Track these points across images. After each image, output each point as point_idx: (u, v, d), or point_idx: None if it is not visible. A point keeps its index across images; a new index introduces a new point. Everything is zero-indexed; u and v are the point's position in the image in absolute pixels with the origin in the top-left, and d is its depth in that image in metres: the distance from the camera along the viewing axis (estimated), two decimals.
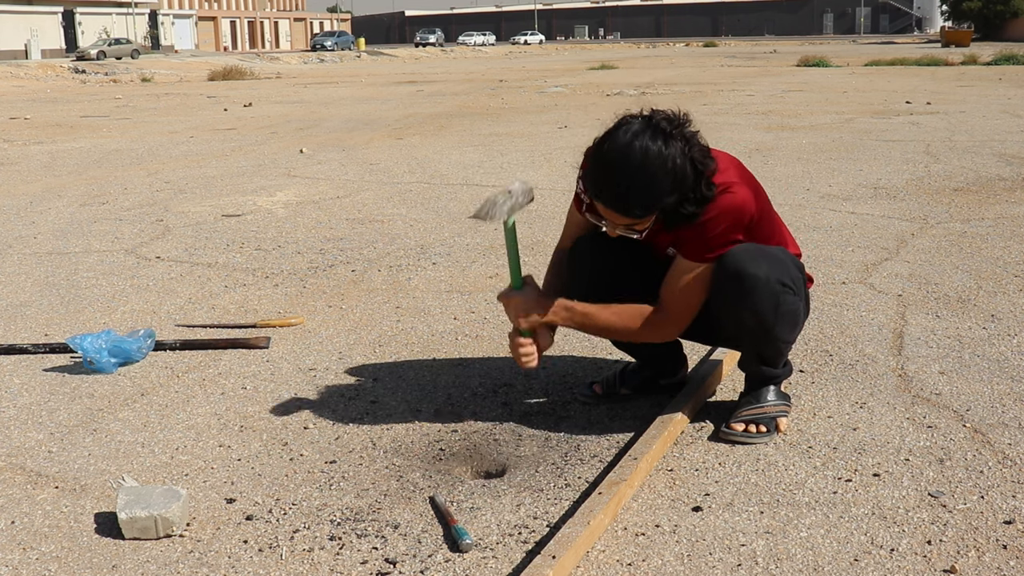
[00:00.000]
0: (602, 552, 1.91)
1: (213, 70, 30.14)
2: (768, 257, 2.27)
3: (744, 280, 2.22)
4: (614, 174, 2.11)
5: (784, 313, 2.28)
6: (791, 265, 2.33)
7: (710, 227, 2.23)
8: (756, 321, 2.28)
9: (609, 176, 2.12)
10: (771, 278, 2.24)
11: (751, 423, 2.41)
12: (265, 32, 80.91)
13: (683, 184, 2.13)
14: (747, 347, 2.42)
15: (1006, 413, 2.52)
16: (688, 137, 2.15)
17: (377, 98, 16.66)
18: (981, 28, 60.13)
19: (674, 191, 2.12)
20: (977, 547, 1.90)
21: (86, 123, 12.75)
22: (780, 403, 2.46)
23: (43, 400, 2.79)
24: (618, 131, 2.15)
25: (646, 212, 2.15)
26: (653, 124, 2.13)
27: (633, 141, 2.10)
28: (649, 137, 2.10)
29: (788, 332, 2.35)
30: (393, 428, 2.53)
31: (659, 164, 2.09)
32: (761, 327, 2.29)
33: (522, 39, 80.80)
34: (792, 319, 2.32)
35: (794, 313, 2.32)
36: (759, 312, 2.26)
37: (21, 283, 4.15)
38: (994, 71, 20.14)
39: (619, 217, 2.19)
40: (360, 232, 5.08)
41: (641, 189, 2.10)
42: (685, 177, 2.12)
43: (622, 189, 2.12)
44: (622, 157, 2.10)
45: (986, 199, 5.56)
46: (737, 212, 2.24)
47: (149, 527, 1.98)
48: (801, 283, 2.36)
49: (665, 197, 2.12)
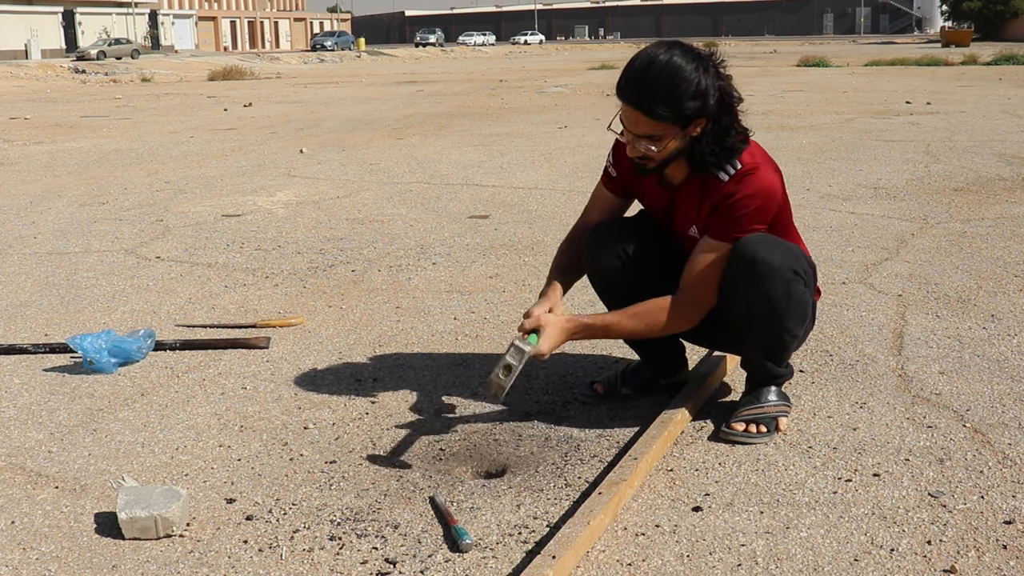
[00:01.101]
0: (602, 552, 1.91)
1: (213, 70, 30.14)
2: (782, 246, 2.30)
3: (758, 265, 2.25)
4: (641, 70, 2.18)
5: (795, 302, 2.31)
6: (803, 258, 2.36)
7: (740, 206, 2.25)
8: (768, 308, 2.29)
9: (635, 71, 2.19)
10: (784, 265, 2.27)
11: (752, 423, 2.41)
12: (265, 32, 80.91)
13: (707, 100, 2.17)
14: (754, 339, 2.42)
15: (1006, 413, 2.52)
16: (720, 71, 2.22)
17: (377, 98, 16.66)
18: (981, 28, 60.13)
19: (696, 99, 2.16)
20: (977, 547, 1.89)
21: (86, 123, 12.75)
22: (781, 403, 2.47)
23: (43, 400, 2.79)
24: (651, 45, 2.24)
25: (666, 111, 2.16)
26: (686, 45, 2.22)
27: (663, 49, 2.19)
28: (680, 50, 2.19)
29: (796, 324, 2.36)
30: (393, 428, 2.53)
31: (686, 69, 2.16)
32: (773, 314, 2.30)
33: (522, 39, 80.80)
34: (802, 309, 2.34)
35: (804, 303, 2.34)
36: (771, 299, 2.28)
37: (21, 283, 4.15)
38: (994, 71, 20.14)
39: (639, 118, 2.20)
40: (360, 232, 5.08)
41: (664, 84, 2.15)
42: (709, 95, 2.17)
43: (646, 81, 2.16)
44: (651, 57, 2.19)
45: (986, 199, 5.56)
46: (768, 193, 2.28)
47: (149, 527, 1.98)
48: (811, 277, 2.39)
49: (686, 100, 2.16)
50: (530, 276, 4.06)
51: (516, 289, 3.88)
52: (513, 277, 4.07)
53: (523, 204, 5.79)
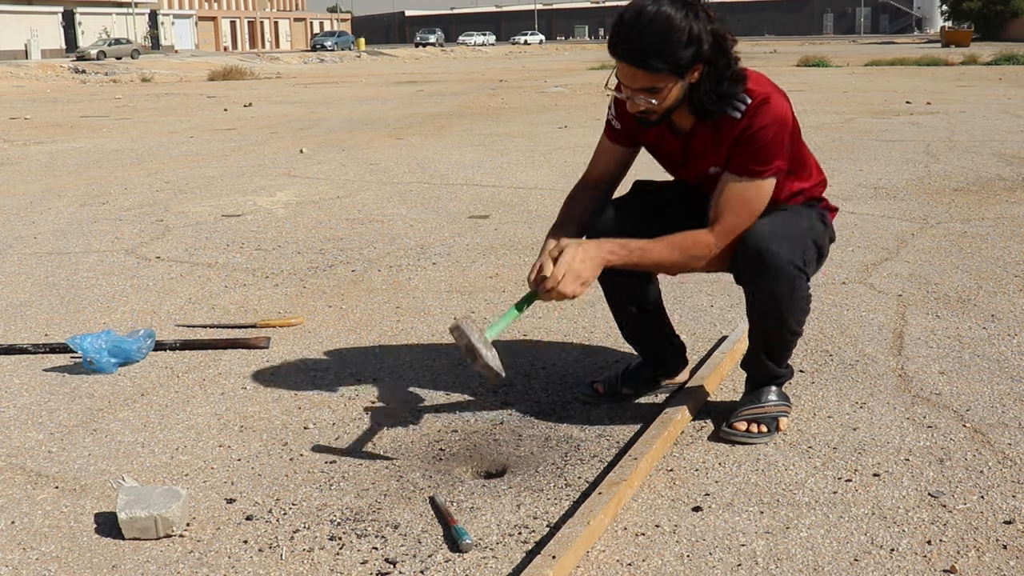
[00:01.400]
0: (602, 552, 1.91)
1: (213, 70, 30.15)
2: (789, 234, 2.29)
3: (764, 258, 2.24)
4: (631, 23, 2.14)
5: (798, 299, 2.31)
6: (809, 243, 2.34)
7: (758, 138, 2.22)
8: (771, 303, 2.30)
9: (625, 27, 2.15)
10: (792, 261, 2.26)
11: (752, 422, 2.41)
12: (265, 32, 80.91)
13: (701, 45, 2.15)
14: (756, 335, 2.42)
15: (1006, 413, 2.52)
16: (710, 14, 2.19)
17: (377, 98, 16.66)
18: (981, 28, 60.14)
19: (690, 46, 2.13)
20: (977, 547, 1.89)
21: (86, 123, 12.75)
22: (781, 403, 2.47)
23: (43, 400, 2.79)
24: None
25: (662, 63, 2.14)
26: None
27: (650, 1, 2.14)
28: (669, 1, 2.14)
29: (797, 321, 2.36)
30: (393, 428, 2.53)
31: (676, 17, 2.12)
32: (775, 309, 2.31)
33: (522, 39, 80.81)
34: (803, 306, 2.34)
35: (805, 299, 2.34)
36: (775, 296, 2.28)
37: (21, 283, 4.15)
38: (994, 71, 20.14)
39: (635, 73, 2.18)
40: (360, 232, 5.08)
41: (656, 36, 2.12)
42: (703, 40, 2.15)
43: (637, 35, 2.13)
44: (638, 10, 2.14)
45: (986, 199, 5.56)
46: (781, 121, 2.24)
47: (149, 527, 1.98)
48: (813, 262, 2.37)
49: (680, 50, 2.13)
50: None
51: (516, 289, 3.87)
52: (513, 277, 4.07)
53: (523, 204, 5.80)
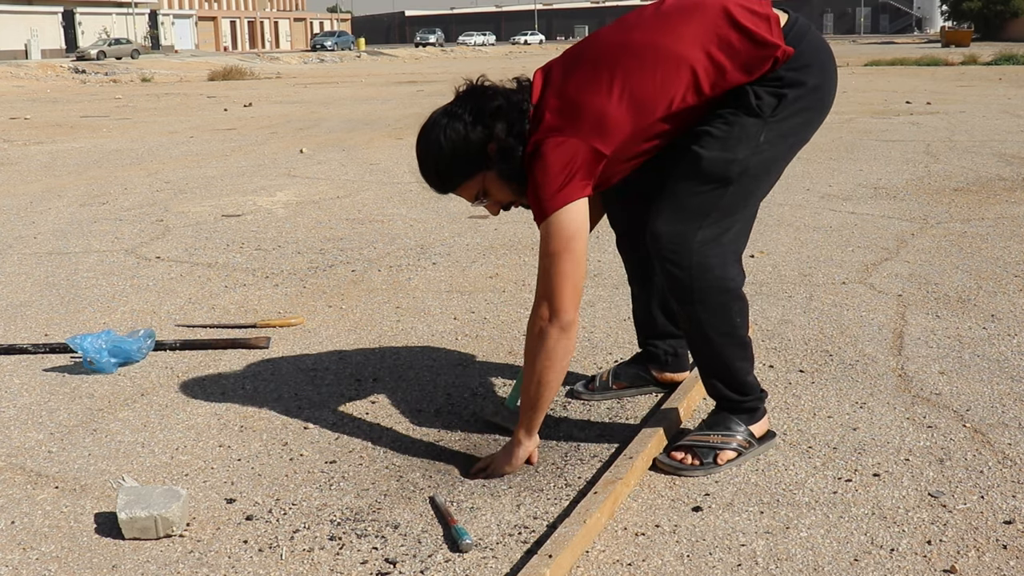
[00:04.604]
0: (602, 552, 1.91)
1: (213, 70, 30.16)
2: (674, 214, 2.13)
3: (650, 245, 2.15)
4: (420, 161, 2.24)
5: (699, 289, 2.11)
6: (704, 212, 2.11)
7: (535, 180, 2.09)
8: (673, 296, 2.18)
9: (419, 165, 2.26)
10: (675, 244, 2.10)
11: (688, 452, 2.24)
12: (265, 32, 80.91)
13: (482, 147, 2.14)
14: (690, 349, 2.31)
15: (1006, 413, 2.52)
16: (489, 93, 2.21)
17: (377, 98, 16.66)
18: (981, 28, 60.14)
19: (470, 154, 2.14)
20: (977, 547, 1.90)
21: (86, 123, 12.75)
22: (729, 435, 2.24)
23: (43, 400, 2.79)
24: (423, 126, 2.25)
25: (460, 178, 2.19)
26: (442, 112, 2.21)
27: (422, 135, 2.22)
28: (443, 118, 2.19)
29: (716, 316, 2.15)
30: (393, 428, 2.54)
31: (444, 144, 2.16)
32: (679, 306, 2.18)
33: (522, 39, 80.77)
34: (715, 297, 2.13)
35: (717, 290, 2.13)
36: (672, 288, 2.17)
37: (21, 283, 4.15)
38: (994, 71, 20.14)
39: (455, 194, 2.25)
40: (360, 232, 5.08)
41: (439, 165, 2.19)
42: (480, 142, 2.14)
43: (427, 171, 2.23)
44: (420, 151, 2.23)
45: (986, 199, 5.56)
46: (552, 153, 2.07)
47: (149, 527, 1.98)
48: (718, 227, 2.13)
49: (464, 165, 2.16)
50: (530, 276, 4.05)
51: (516, 289, 3.88)
52: (513, 277, 4.07)
53: None
